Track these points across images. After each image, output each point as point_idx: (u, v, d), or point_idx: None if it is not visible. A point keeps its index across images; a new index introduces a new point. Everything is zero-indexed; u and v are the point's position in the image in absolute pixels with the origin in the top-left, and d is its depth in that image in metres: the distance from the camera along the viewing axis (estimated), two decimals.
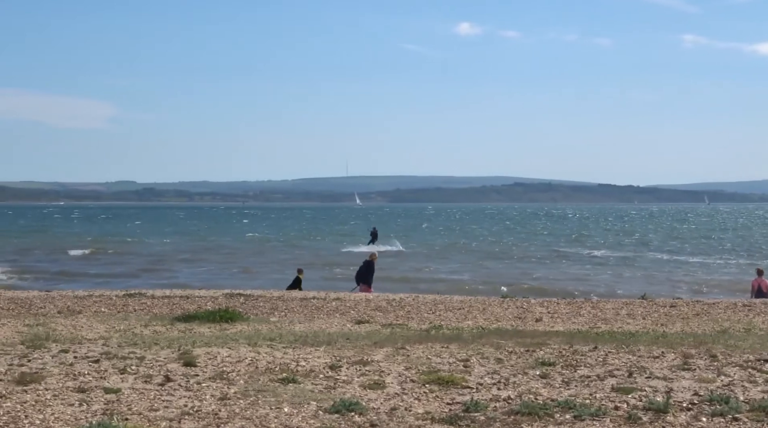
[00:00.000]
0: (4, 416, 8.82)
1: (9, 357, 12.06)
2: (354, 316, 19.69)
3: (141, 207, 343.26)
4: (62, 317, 18.60)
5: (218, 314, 17.90)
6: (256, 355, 12.34)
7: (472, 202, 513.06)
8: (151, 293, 25.14)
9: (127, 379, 10.62)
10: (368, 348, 13.09)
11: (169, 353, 12.43)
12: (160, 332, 15.81)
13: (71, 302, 22.60)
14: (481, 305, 22.65)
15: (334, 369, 11.35)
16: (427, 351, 12.88)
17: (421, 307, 22.06)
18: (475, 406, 9.24)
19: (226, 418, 8.84)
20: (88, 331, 15.90)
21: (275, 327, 17.03)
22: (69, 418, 8.81)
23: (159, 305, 21.84)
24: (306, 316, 19.74)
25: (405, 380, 10.74)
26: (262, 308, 21.37)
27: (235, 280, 44.99)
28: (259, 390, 10.04)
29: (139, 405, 9.34)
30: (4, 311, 20.42)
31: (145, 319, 18.17)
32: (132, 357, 12.07)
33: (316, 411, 9.15)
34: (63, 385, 10.23)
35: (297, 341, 13.84)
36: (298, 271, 32.01)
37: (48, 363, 11.60)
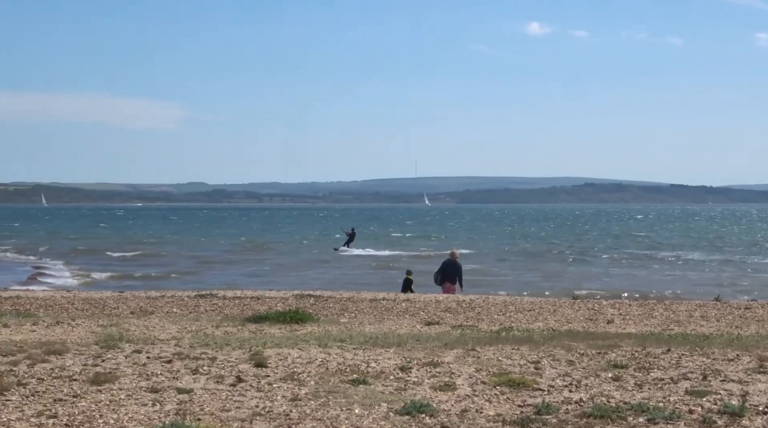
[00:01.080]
0: (79, 415, 8.93)
1: (84, 357, 12.21)
2: (424, 317, 19.65)
3: (209, 208, 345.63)
4: (135, 318, 18.78)
5: (289, 315, 17.95)
6: (326, 356, 12.36)
7: (541, 203, 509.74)
8: (222, 294, 25.31)
9: (199, 379, 10.70)
10: (438, 350, 13.06)
11: (240, 353, 12.50)
12: (232, 333, 15.90)
13: (144, 302, 22.84)
14: (552, 307, 22.49)
15: (404, 371, 11.33)
16: (498, 352, 12.82)
17: (491, 308, 21.96)
18: (546, 408, 9.17)
19: (297, 419, 8.87)
20: (160, 331, 16.04)
21: (345, 328, 17.04)
22: (142, 418, 8.89)
23: (230, 306, 21.98)
24: (376, 317, 19.74)
25: (476, 381, 10.70)
26: (332, 309, 21.41)
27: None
28: (330, 391, 10.05)
29: (211, 405, 9.41)
30: (79, 311, 20.69)
31: (216, 320, 18.29)
32: (204, 357, 12.16)
33: (387, 412, 9.14)
34: (136, 385, 10.34)
35: (367, 342, 13.84)
36: (407, 273, 31.38)
37: (121, 363, 11.72)
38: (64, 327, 16.65)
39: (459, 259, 30.59)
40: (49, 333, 15.59)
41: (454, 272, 29.57)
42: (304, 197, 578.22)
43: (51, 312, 20.25)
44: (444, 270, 29.71)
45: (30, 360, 11.84)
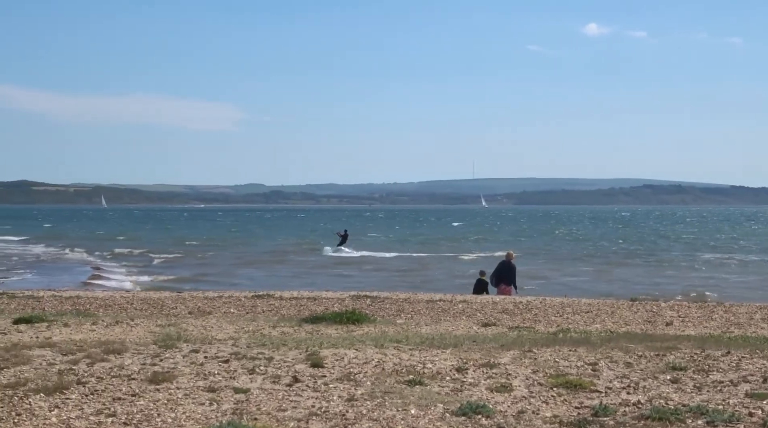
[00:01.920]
0: (137, 414, 9.01)
1: (142, 356, 12.32)
2: (480, 318, 19.59)
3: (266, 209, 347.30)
4: (193, 318, 18.90)
5: (345, 316, 17.96)
6: (382, 357, 12.36)
7: (599, 204, 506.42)
8: (279, 295, 25.42)
9: (255, 379, 10.75)
10: (495, 351, 13.02)
11: (296, 354, 12.54)
12: (288, 333, 15.95)
13: (201, 303, 22.99)
14: (610, 309, 22.32)
15: (460, 372, 11.31)
16: (555, 354, 12.75)
17: (548, 310, 21.85)
18: (604, 410, 9.11)
19: (353, 419, 8.88)
20: (217, 331, 16.12)
21: (402, 328, 17.03)
22: (200, 417, 8.95)
23: (287, 307, 22.07)
24: (432, 318, 19.71)
25: (532, 383, 10.65)
26: (389, 310, 21.42)
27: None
28: (386, 391, 10.05)
29: (267, 405, 9.45)
30: (138, 311, 20.87)
31: (273, 320, 18.35)
32: (261, 357, 12.21)
33: (443, 413, 9.13)
34: (194, 384, 10.40)
35: (423, 343, 13.82)
36: (481, 273, 30.93)
37: (179, 363, 11.80)
38: (123, 326, 16.79)
39: (515, 260, 30.26)
40: (108, 333, 15.74)
41: (508, 273, 29.29)
42: (361, 199, 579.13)
43: (110, 312, 20.46)
44: (499, 272, 29.41)
45: (89, 359, 11.97)
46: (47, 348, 13.12)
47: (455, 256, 67.28)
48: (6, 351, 12.59)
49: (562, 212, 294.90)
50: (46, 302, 22.84)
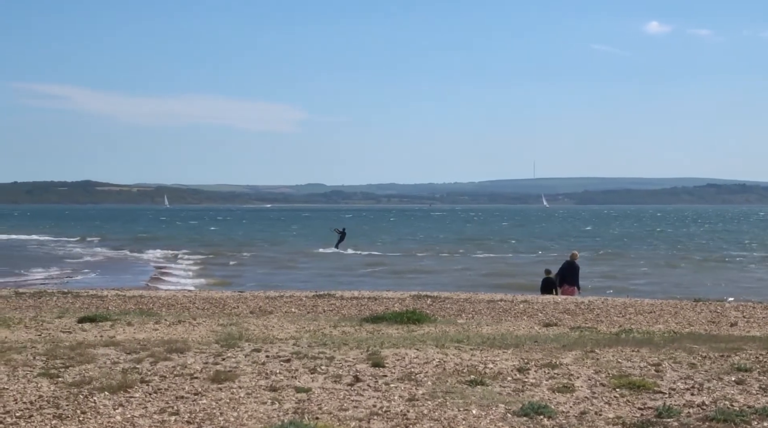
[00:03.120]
0: (200, 413, 9.08)
1: (204, 355, 12.40)
2: (542, 319, 19.50)
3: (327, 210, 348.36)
4: (254, 317, 19.00)
5: (406, 316, 17.96)
6: (443, 357, 12.34)
7: (662, 204, 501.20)
8: (339, 294, 25.48)
9: (317, 379, 10.78)
10: (557, 351, 12.94)
11: (357, 353, 12.55)
12: (349, 332, 15.98)
13: (263, 302, 23.11)
14: (673, 309, 22.10)
15: (522, 372, 11.26)
16: (617, 354, 12.64)
17: (611, 310, 21.69)
18: (667, 412, 9.03)
19: (415, 419, 8.87)
20: (279, 331, 16.20)
21: (462, 328, 16.99)
22: (262, 416, 9.00)
23: (347, 306, 22.11)
24: (493, 318, 19.65)
25: (595, 384, 10.58)
26: (449, 310, 21.38)
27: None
28: (447, 391, 10.04)
29: (329, 404, 9.47)
30: (200, 311, 21.02)
31: (334, 320, 18.39)
32: (322, 357, 12.24)
33: (505, 413, 9.10)
34: (256, 384, 10.46)
35: (484, 343, 13.78)
36: (547, 272, 30.23)
37: (241, 362, 11.87)
38: (185, 325, 16.94)
39: (578, 261, 30.01)
40: (171, 332, 15.88)
41: (572, 274, 29.06)
42: (422, 199, 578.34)
43: (173, 311, 20.63)
44: (563, 271, 29.19)
45: (153, 358, 12.08)
46: (111, 346, 13.26)
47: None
48: (71, 350, 12.74)
49: (623, 211, 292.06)
50: (110, 302, 23.09)
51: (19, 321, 17.48)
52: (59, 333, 15.74)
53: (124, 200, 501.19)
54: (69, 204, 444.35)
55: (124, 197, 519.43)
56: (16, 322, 17.22)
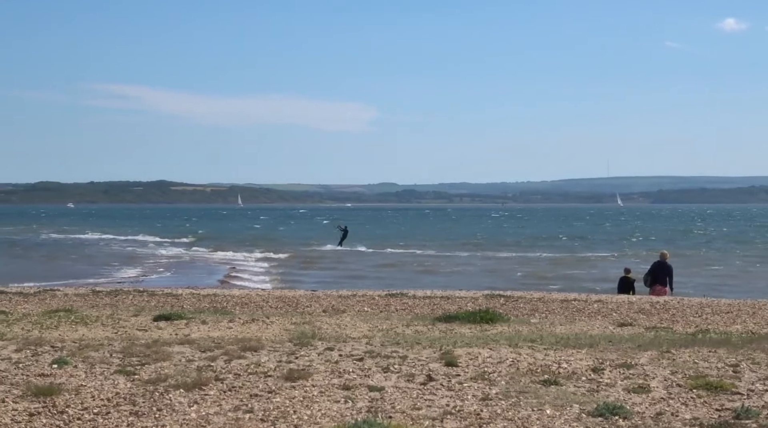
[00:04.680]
0: (274, 410, 9.13)
1: (278, 354, 12.47)
2: (616, 318, 19.32)
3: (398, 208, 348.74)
4: (327, 316, 19.06)
5: (479, 315, 17.90)
6: (517, 356, 12.29)
7: (739, 203, 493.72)
8: (412, 293, 25.46)
9: (390, 378, 10.79)
10: (632, 351, 12.83)
11: (430, 352, 12.54)
12: (422, 332, 15.96)
13: (336, 301, 23.16)
14: (751, 309, 21.76)
15: (596, 372, 11.17)
16: (694, 355, 12.49)
17: (686, 310, 21.41)
18: (746, 413, 8.89)
19: (488, 419, 8.84)
20: (351, 330, 16.23)
21: (536, 328, 16.90)
22: (335, 414, 9.02)
23: (420, 306, 22.09)
24: (567, 318, 19.51)
25: (671, 384, 10.46)
26: (523, 310, 21.28)
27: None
28: (521, 391, 9.99)
29: (402, 403, 9.47)
30: (273, 309, 21.14)
31: (406, 319, 18.39)
32: (395, 356, 12.25)
33: (579, 413, 9.03)
34: (329, 382, 10.49)
35: (558, 342, 13.70)
36: (626, 271, 29.94)
37: (314, 361, 11.92)
38: (259, 324, 17.04)
39: (669, 260, 29.39)
40: (244, 330, 15.99)
41: (664, 273, 28.49)
42: (494, 198, 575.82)
43: (246, 310, 20.78)
44: (653, 272, 28.61)
45: (227, 356, 12.17)
46: (186, 344, 13.40)
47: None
48: (147, 348, 12.88)
49: (698, 210, 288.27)
50: (185, 300, 23.31)
51: (96, 318, 17.72)
52: (135, 330, 15.93)
53: (198, 200, 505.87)
54: (144, 204, 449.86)
55: (198, 196, 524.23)
56: (93, 320, 17.47)
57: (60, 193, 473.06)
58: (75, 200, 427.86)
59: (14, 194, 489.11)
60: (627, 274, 29.35)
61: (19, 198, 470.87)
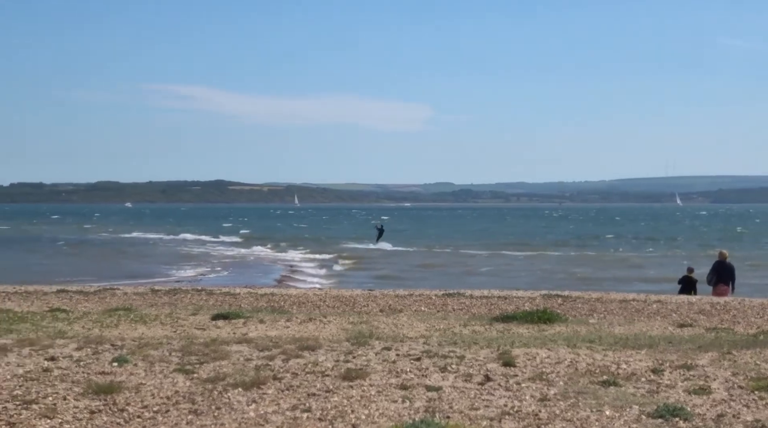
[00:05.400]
0: (332, 410, 9.14)
1: (335, 353, 12.50)
2: (676, 319, 19.13)
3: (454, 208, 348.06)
4: (384, 316, 19.06)
5: (536, 315, 17.81)
6: (575, 357, 12.22)
7: None
8: (469, 293, 25.38)
9: (447, 377, 10.77)
10: (692, 352, 12.70)
11: (488, 352, 12.51)
12: (479, 331, 15.92)
13: (392, 300, 23.15)
14: None
15: (656, 373, 11.08)
16: (756, 356, 12.35)
17: (748, 311, 21.14)
18: None
19: (546, 419, 8.79)
20: (408, 329, 16.22)
21: (594, 328, 16.77)
22: (392, 414, 9.01)
23: (477, 305, 22.02)
24: (626, 318, 19.35)
25: (732, 386, 10.34)
26: (581, 310, 21.13)
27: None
28: (579, 392, 9.93)
29: (459, 403, 9.45)
30: (330, 309, 21.18)
31: (464, 318, 18.35)
32: (452, 355, 12.23)
33: (639, 415, 8.96)
34: (386, 382, 10.49)
35: (617, 343, 13.60)
36: (689, 270, 29.32)
37: (372, 360, 11.92)
38: (316, 323, 17.08)
39: (729, 259, 28.98)
40: (301, 330, 16.04)
41: (727, 273, 28.10)
42: (551, 197, 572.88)
43: (303, 309, 20.84)
44: (717, 271, 28.22)
45: (285, 356, 12.22)
46: (244, 343, 13.46)
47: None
48: (205, 347, 12.97)
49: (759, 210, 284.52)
50: (243, 299, 23.42)
51: (155, 317, 17.87)
52: (194, 329, 16.04)
53: (255, 199, 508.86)
54: (201, 203, 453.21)
55: (255, 196, 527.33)
56: (152, 319, 17.62)
57: (119, 193, 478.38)
58: (133, 199, 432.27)
59: (75, 193, 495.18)
60: (690, 273, 28.99)
61: (80, 198, 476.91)
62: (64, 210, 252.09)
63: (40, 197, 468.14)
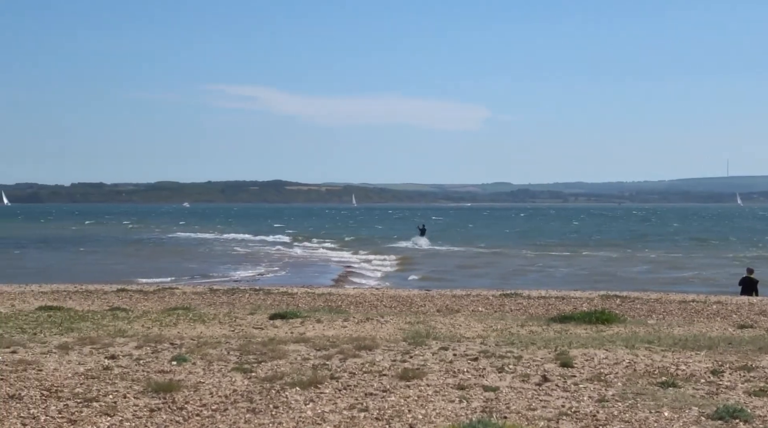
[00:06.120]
0: (389, 409, 9.16)
1: (392, 353, 12.52)
2: (736, 320, 18.94)
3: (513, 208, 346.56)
4: (441, 316, 19.06)
5: (594, 316, 17.72)
6: (633, 357, 12.15)
7: None
8: (527, 294, 25.33)
9: (504, 378, 10.75)
10: (753, 354, 12.57)
11: (545, 353, 12.47)
12: (536, 332, 15.87)
13: (449, 301, 23.17)
14: None
15: (716, 374, 10.98)
16: None
17: None
18: None
19: (605, 420, 8.75)
20: (465, 329, 16.21)
21: (653, 329, 16.65)
22: (450, 414, 9.01)
23: (534, 306, 21.97)
24: (685, 319, 19.20)
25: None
26: (639, 311, 21.01)
27: None
28: (638, 393, 9.87)
29: (517, 403, 9.43)
30: (387, 308, 21.23)
31: (521, 319, 18.31)
32: (509, 356, 12.20)
33: (698, 416, 8.88)
34: (443, 382, 10.50)
35: (676, 344, 13.49)
36: (749, 271, 29.28)
37: (429, 360, 11.93)
38: (373, 323, 17.12)
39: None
40: (359, 329, 16.08)
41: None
42: (610, 197, 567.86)
43: (360, 309, 20.91)
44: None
45: (342, 355, 12.26)
46: (302, 343, 13.53)
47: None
48: (263, 346, 13.04)
49: None
50: (300, 299, 23.55)
51: (214, 317, 18.02)
52: (251, 329, 16.14)
53: (313, 199, 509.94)
54: (260, 203, 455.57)
55: (313, 196, 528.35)
56: (210, 318, 17.76)
57: (178, 192, 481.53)
58: (193, 199, 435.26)
59: (135, 193, 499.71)
60: (750, 274, 28.65)
61: (140, 198, 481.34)
62: (123, 210, 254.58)
63: (101, 197, 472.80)
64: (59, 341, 13.67)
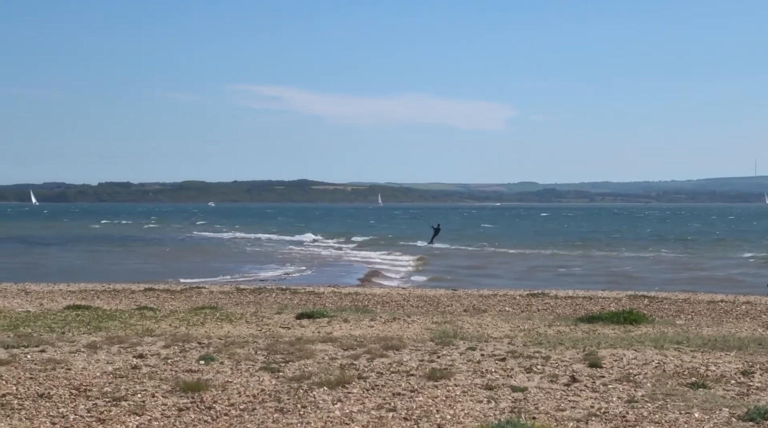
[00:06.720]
0: (417, 410, 9.14)
1: (420, 353, 12.51)
2: (765, 321, 18.83)
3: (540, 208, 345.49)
4: (468, 316, 19.03)
5: (622, 316, 17.63)
6: (662, 358, 12.09)
7: None
8: (554, 294, 25.28)
9: (533, 378, 10.72)
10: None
11: (574, 353, 12.43)
12: (564, 332, 15.81)
13: (476, 300, 23.14)
14: None
15: (746, 375, 10.92)
16: None
17: None
18: None
19: (634, 421, 8.71)
20: (493, 329, 16.17)
21: (682, 329, 16.56)
22: (478, 414, 8.99)
23: (562, 306, 21.91)
24: (714, 320, 19.09)
25: None
26: (668, 311, 20.91)
27: None
28: (668, 393, 9.82)
29: (545, 404, 9.40)
30: (414, 308, 21.21)
31: (548, 319, 18.25)
32: (537, 356, 12.17)
33: (729, 418, 8.83)
34: (471, 382, 10.48)
35: (705, 345, 13.42)
36: None
37: (456, 360, 11.92)
38: (400, 323, 17.10)
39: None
40: (386, 329, 16.07)
41: None
42: (637, 197, 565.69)
43: (387, 309, 20.89)
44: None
45: (369, 355, 12.26)
46: (329, 342, 13.53)
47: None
48: (290, 345, 13.05)
49: None
50: (327, 298, 23.57)
51: (241, 316, 18.04)
52: (279, 328, 16.16)
53: (339, 199, 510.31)
54: (285, 202, 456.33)
55: (338, 195, 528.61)
56: (237, 317, 17.78)
57: (204, 192, 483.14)
58: (218, 199, 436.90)
59: (162, 193, 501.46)
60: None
61: (167, 197, 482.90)
62: (147, 210, 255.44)
63: (128, 197, 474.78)
64: (87, 340, 13.74)
